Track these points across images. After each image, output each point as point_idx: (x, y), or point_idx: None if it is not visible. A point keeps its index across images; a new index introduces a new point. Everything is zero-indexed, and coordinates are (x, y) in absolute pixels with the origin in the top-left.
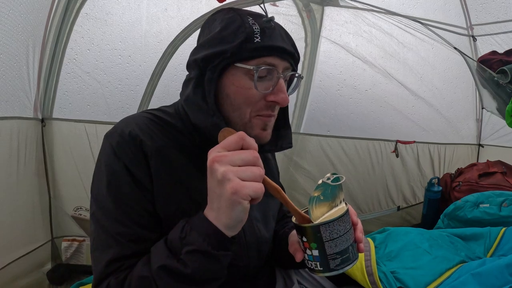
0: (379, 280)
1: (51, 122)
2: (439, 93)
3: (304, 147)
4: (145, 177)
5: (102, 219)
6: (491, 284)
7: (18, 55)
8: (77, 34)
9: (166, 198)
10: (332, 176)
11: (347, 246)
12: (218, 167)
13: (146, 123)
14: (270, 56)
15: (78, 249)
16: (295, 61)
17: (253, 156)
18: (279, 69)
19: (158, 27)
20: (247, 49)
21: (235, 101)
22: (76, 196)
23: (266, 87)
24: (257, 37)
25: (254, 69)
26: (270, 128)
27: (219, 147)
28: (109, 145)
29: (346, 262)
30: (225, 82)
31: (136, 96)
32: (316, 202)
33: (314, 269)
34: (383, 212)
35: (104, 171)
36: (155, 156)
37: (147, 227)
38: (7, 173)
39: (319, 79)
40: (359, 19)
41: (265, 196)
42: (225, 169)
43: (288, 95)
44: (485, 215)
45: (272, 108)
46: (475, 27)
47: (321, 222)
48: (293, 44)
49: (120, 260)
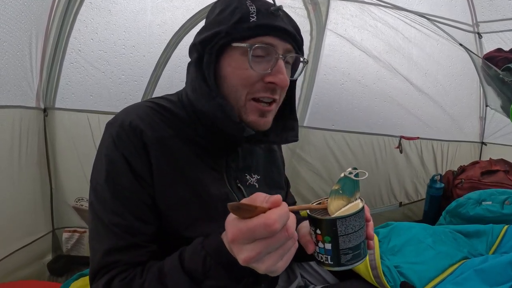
0: (383, 274)
1: (53, 112)
2: (443, 90)
3: (307, 140)
4: (145, 169)
5: (99, 209)
6: (494, 280)
7: (21, 44)
8: (81, 24)
9: (166, 189)
10: (354, 170)
11: (359, 242)
12: (254, 265)
13: (147, 113)
14: (267, 35)
15: (79, 240)
16: (298, 43)
17: (290, 247)
18: (279, 50)
19: (162, 17)
20: (242, 28)
21: (232, 82)
22: (77, 186)
23: (264, 68)
24: (253, 16)
25: (247, 46)
26: (271, 115)
27: (246, 238)
28: (109, 135)
29: (356, 258)
30: (223, 64)
31: (140, 86)
32: (335, 195)
33: (324, 262)
34: (385, 207)
35: (103, 161)
36: (156, 146)
37: (144, 219)
38: (9, 163)
39: (323, 72)
40: (365, 13)
41: (269, 188)
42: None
43: (294, 79)
44: (487, 213)
45: (271, 91)
46: (481, 24)
47: (338, 216)
48: (296, 27)
49: (116, 252)
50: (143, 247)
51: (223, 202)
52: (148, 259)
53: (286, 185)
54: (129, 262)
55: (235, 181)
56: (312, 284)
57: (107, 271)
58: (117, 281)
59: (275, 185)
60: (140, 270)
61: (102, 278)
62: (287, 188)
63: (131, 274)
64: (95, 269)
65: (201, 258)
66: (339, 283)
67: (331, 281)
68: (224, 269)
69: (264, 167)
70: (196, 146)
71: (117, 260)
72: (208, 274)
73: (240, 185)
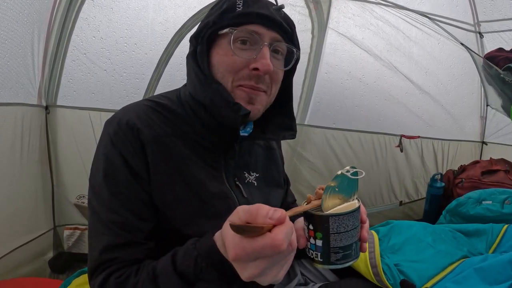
0: (383, 272)
1: (55, 110)
2: (444, 89)
3: (308, 138)
4: (142, 167)
5: (97, 206)
6: (494, 279)
7: (23, 41)
8: (83, 21)
9: (163, 187)
10: (351, 169)
11: (351, 242)
12: (258, 280)
13: (145, 111)
14: (252, 23)
15: (80, 237)
16: (288, 34)
17: (291, 257)
18: (264, 38)
19: (165, 15)
20: (227, 17)
21: (220, 70)
22: (79, 184)
23: (249, 55)
24: (239, 6)
25: (229, 31)
26: (260, 104)
27: (251, 258)
28: (107, 134)
29: (347, 258)
30: (213, 54)
31: (142, 84)
32: (331, 192)
33: (314, 259)
34: (385, 206)
35: (101, 159)
36: (153, 145)
37: (141, 217)
38: (10, 160)
39: (324, 71)
40: (366, 12)
41: (268, 186)
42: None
43: (285, 69)
44: (488, 212)
45: (256, 79)
46: (482, 23)
47: (331, 213)
48: (285, 18)
49: (113, 249)
50: (140, 244)
51: (221, 200)
52: (146, 257)
53: (286, 183)
54: (126, 259)
55: (233, 179)
56: (312, 281)
57: (104, 269)
58: (113, 278)
59: (274, 184)
60: (135, 268)
61: (99, 276)
62: (287, 186)
63: (126, 272)
64: (93, 267)
65: (193, 259)
66: (339, 281)
67: (331, 279)
68: (216, 271)
69: (263, 165)
70: (194, 143)
71: (114, 258)
72: (200, 275)
73: (239, 183)
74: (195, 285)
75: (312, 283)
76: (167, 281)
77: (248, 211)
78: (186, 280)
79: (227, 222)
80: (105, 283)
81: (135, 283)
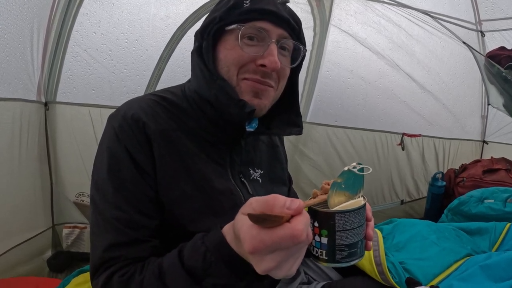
0: (388, 270)
1: (54, 106)
2: (446, 87)
3: (310, 136)
4: (147, 162)
5: (100, 203)
6: (499, 276)
7: (23, 36)
8: (83, 17)
9: (169, 182)
10: (358, 165)
11: (357, 240)
12: (273, 273)
13: (150, 105)
14: (260, 20)
15: (79, 236)
16: (295, 31)
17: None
18: (272, 35)
19: (166, 11)
20: (235, 13)
21: (226, 63)
22: (78, 181)
23: (257, 51)
24: (246, 3)
25: (237, 27)
26: (267, 99)
27: (269, 249)
28: (111, 128)
29: (352, 256)
30: (220, 49)
31: (142, 81)
32: (337, 189)
33: (319, 257)
34: (386, 205)
35: (105, 154)
36: (159, 139)
37: (146, 213)
38: (8, 157)
39: (326, 68)
40: (368, 9)
41: (272, 183)
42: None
43: (293, 67)
44: (490, 211)
45: (262, 74)
46: (484, 22)
47: (337, 210)
48: (292, 14)
49: (117, 247)
50: (145, 241)
51: (227, 196)
52: (150, 254)
53: (289, 181)
54: (131, 257)
55: (238, 176)
56: (316, 280)
57: (107, 267)
58: (117, 277)
59: (278, 181)
60: (140, 266)
61: (103, 275)
62: (290, 184)
63: (131, 270)
64: (96, 265)
65: (201, 254)
66: (343, 280)
67: (335, 277)
68: (226, 266)
69: (267, 162)
70: (200, 139)
71: (118, 256)
72: (209, 271)
73: (244, 180)
74: (203, 281)
75: (316, 282)
76: (174, 277)
77: (264, 201)
78: (194, 276)
79: (240, 214)
80: (108, 282)
81: (140, 281)
